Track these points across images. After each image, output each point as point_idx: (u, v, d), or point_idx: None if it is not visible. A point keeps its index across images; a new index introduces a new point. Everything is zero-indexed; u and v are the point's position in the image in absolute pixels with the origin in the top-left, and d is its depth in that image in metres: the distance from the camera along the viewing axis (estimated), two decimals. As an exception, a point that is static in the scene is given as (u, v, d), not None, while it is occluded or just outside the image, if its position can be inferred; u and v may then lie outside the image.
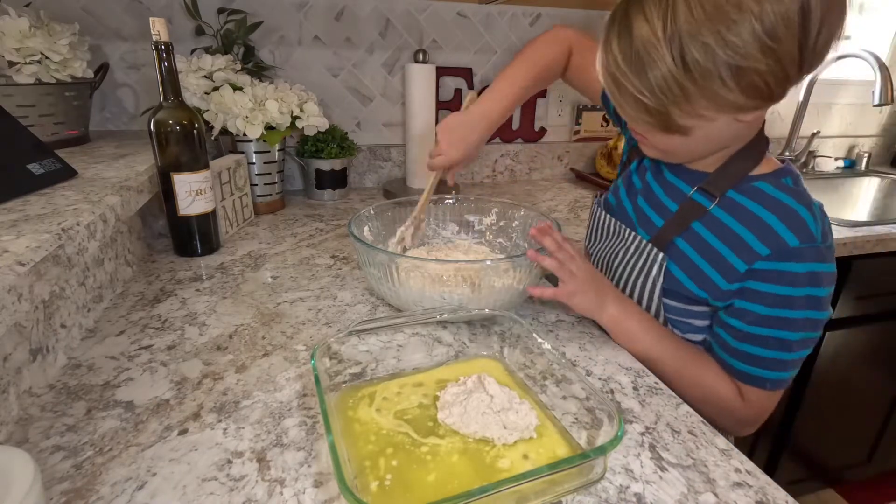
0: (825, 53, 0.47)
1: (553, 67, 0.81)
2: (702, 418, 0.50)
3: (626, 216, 0.70)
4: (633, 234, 0.66)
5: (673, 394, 0.54)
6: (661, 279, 0.61)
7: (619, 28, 0.49)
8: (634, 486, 0.41)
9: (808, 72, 0.47)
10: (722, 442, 0.47)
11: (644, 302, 0.64)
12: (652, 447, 0.46)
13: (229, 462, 0.42)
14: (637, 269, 0.64)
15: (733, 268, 0.55)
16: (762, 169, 0.58)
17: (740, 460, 0.45)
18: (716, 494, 0.41)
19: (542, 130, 1.48)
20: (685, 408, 0.51)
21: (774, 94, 0.47)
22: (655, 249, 0.62)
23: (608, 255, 0.70)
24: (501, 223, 0.83)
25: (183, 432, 0.45)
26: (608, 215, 0.73)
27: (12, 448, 0.30)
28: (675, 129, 0.51)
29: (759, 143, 0.58)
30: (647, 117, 0.51)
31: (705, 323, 0.62)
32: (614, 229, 0.71)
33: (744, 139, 0.57)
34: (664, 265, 0.61)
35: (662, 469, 0.43)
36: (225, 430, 0.46)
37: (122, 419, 0.47)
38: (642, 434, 0.47)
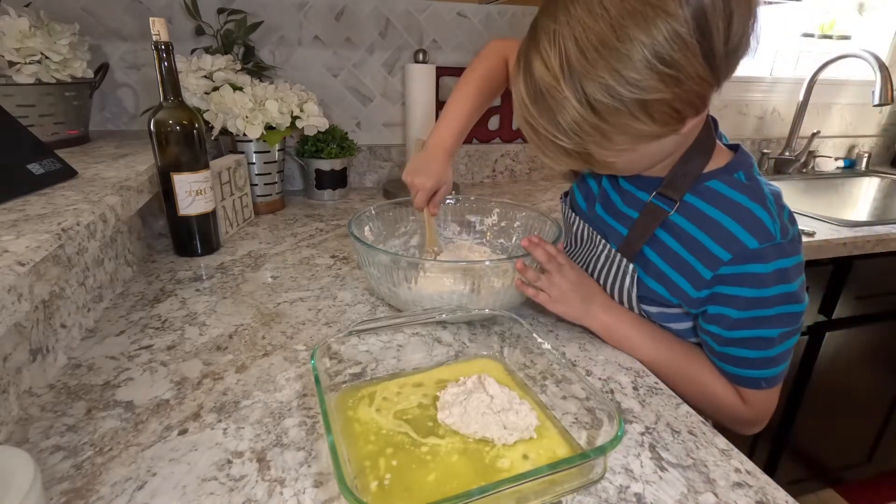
0: (744, 49, 0.45)
1: (493, 78, 0.81)
2: (702, 418, 0.50)
3: (591, 221, 0.69)
4: (604, 242, 0.65)
5: (673, 394, 0.54)
6: (634, 288, 0.61)
7: (523, 70, 0.48)
8: (634, 486, 0.41)
9: (728, 75, 0.46)
10: (722, 442, 0.47)
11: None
12: (652, 447, 0.46)
13: (229, 462, 0.42)
14: (611, 278, 0.63)
15: (700, 275, 0.55)
16: (714, 163, 0.56)
17: (740, 460, 0.45)
18: (716, 494, 0.41)
19: (542, 130, 1.48)
20: (685, 408, 0.52)
21: (686, 116, 0.46)
22: (625, 260, 0.61)
23: (585, 262, 0.69)
24: (503, 223, 0.83)
25: (183, 432, 0.45)
26: (580, 220, 0.71)
27: (12, 448, 0.30)
28: (600, 166, 0.51)
29: (707, 134, 0.56)
30: (568, 159, 0.50)
31: (688, 325, 0.61)
32: (587, 236, 0.69)
33: (690, 140, 0.56)
34: (635, 275, 0.60)
35: (662, 469, 0.43)
36: (225, 430, 0.46)
37: (122, 419, 0.47)
38: (642, 434, 0.47)
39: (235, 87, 0.97)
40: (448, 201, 0.84)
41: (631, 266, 0.60)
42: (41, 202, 0.57)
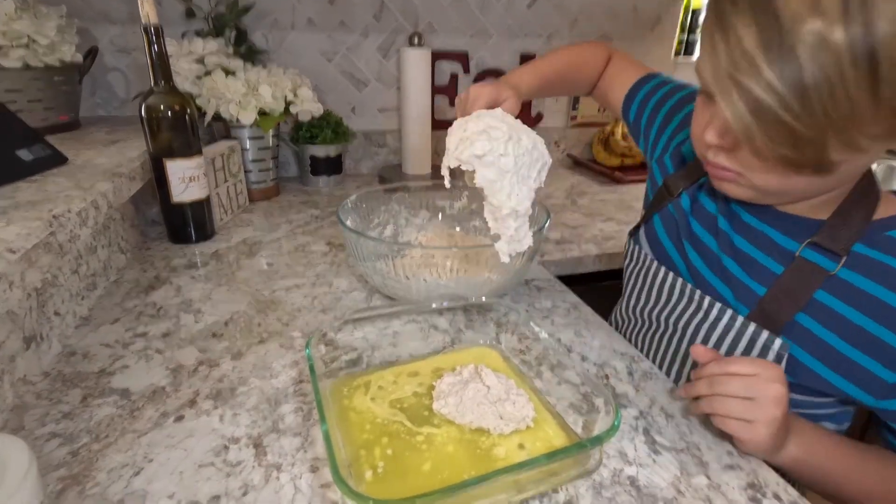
0: None
1: (588, 61, 0.72)
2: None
3: (699, 276, 0.53)
4: (719, 306, 0.50)
5: (667, 378, 0.54)
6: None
7: (756, 15, 0.34)
8: (628, 470, 0.42)
9: None
10: (715, 426, 0.47)
11: None
12: (646, 431, 0.46)
13: (226, 448, 0.42)
14: (738, 355, 0.49)
15: None
16: (885, 210, 0.45)
17: (733, 444, 0.45)
18: (708, 477, 0.41)
19: (539, 116, 1.47)
20: (679, 392, 0.52)
21: None
22: (766, 333, 0.46)
23: (687, 328, 0.55)
24: (473, 206, 0.81)
25: (179, 419, 0.45)
26: (669, 272, 0.56)
27: (7, 436, 0.30)
28: (821, 168, 0.38)
29: (870, 178, 0.46)
30: (790, 150, 0.36)
31: (832, 411, 0.50)
32: (683, 292, 0.54)
33: (853, 180, 0.45)
34: (785, 354, 0.46)
35: (656, 452, 0.44)
36: (221, 416, 0.46)
37: (118, 406, 0.47)
38: (636, 418, 0.48)
39: (228, 72, 0.95)
40: (418, 187, 0.81)
41: (778, 341, 0.46)
42: (31, 189, 0.57)
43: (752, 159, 0.41)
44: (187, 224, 0.81)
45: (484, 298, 0.57)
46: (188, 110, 0.75)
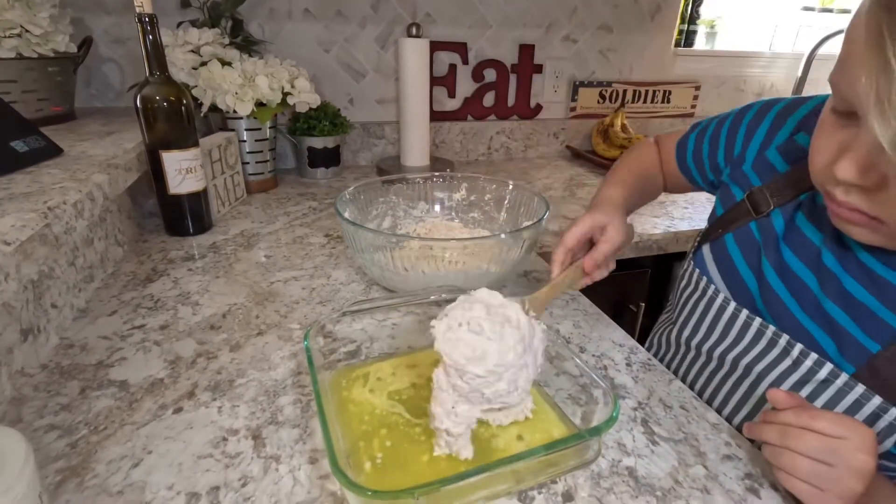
0: None
1: (649, 161, 0.67)
2: (693, 393, 0.51)
3: (787, 317, 0.46)
4: (816, 357, 0.43)
5: (665, 369, 0.54)
6: (890, 445, 0.40)
7: None
8: (626, 460, 0.42)
9: None
10: (713, 416, 0.48)
11: None
12: (644, 422, 0.46)
13: (224, 439, 0.42)
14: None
15: None
16: None
17: (731, 434, 0.45)
18: (706, 467, 0.42)
19: (538, 107, 1.46)
20: (677, 383, 0.52)
21: None
22: (878, 398, 0.39)
23: (757, 369, 0.48)
24: (472, 197, 0.81)
25: (178, 411, 0.45)
26: (741, 310, 0.49)
27: (4, 428, 0.30)
28: None
29: None
30: None
31: None
32: (758, 332, 0.47)
33: None
34: None
35: (654, 443, 0.44)
36: (220, 408, 0.46)
37: (117, 398, 0.47)
38: (635, 409, 0.48)
39: (224, 63, 0.95)
40: (417, 180, 0.80)
41: (893, 411, 0.39)
42: (26, 180, 0.56)
43: None
44: (184, 216, 0.81)
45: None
46: (184, 101, 0.75)
